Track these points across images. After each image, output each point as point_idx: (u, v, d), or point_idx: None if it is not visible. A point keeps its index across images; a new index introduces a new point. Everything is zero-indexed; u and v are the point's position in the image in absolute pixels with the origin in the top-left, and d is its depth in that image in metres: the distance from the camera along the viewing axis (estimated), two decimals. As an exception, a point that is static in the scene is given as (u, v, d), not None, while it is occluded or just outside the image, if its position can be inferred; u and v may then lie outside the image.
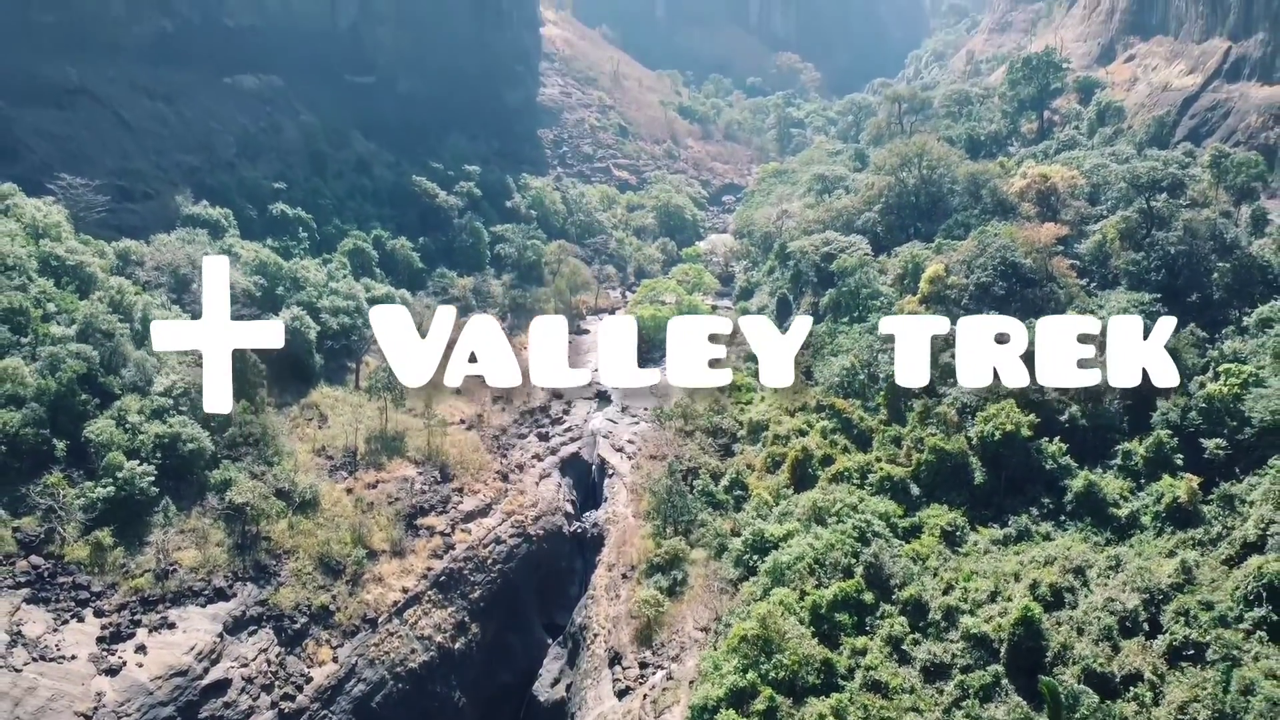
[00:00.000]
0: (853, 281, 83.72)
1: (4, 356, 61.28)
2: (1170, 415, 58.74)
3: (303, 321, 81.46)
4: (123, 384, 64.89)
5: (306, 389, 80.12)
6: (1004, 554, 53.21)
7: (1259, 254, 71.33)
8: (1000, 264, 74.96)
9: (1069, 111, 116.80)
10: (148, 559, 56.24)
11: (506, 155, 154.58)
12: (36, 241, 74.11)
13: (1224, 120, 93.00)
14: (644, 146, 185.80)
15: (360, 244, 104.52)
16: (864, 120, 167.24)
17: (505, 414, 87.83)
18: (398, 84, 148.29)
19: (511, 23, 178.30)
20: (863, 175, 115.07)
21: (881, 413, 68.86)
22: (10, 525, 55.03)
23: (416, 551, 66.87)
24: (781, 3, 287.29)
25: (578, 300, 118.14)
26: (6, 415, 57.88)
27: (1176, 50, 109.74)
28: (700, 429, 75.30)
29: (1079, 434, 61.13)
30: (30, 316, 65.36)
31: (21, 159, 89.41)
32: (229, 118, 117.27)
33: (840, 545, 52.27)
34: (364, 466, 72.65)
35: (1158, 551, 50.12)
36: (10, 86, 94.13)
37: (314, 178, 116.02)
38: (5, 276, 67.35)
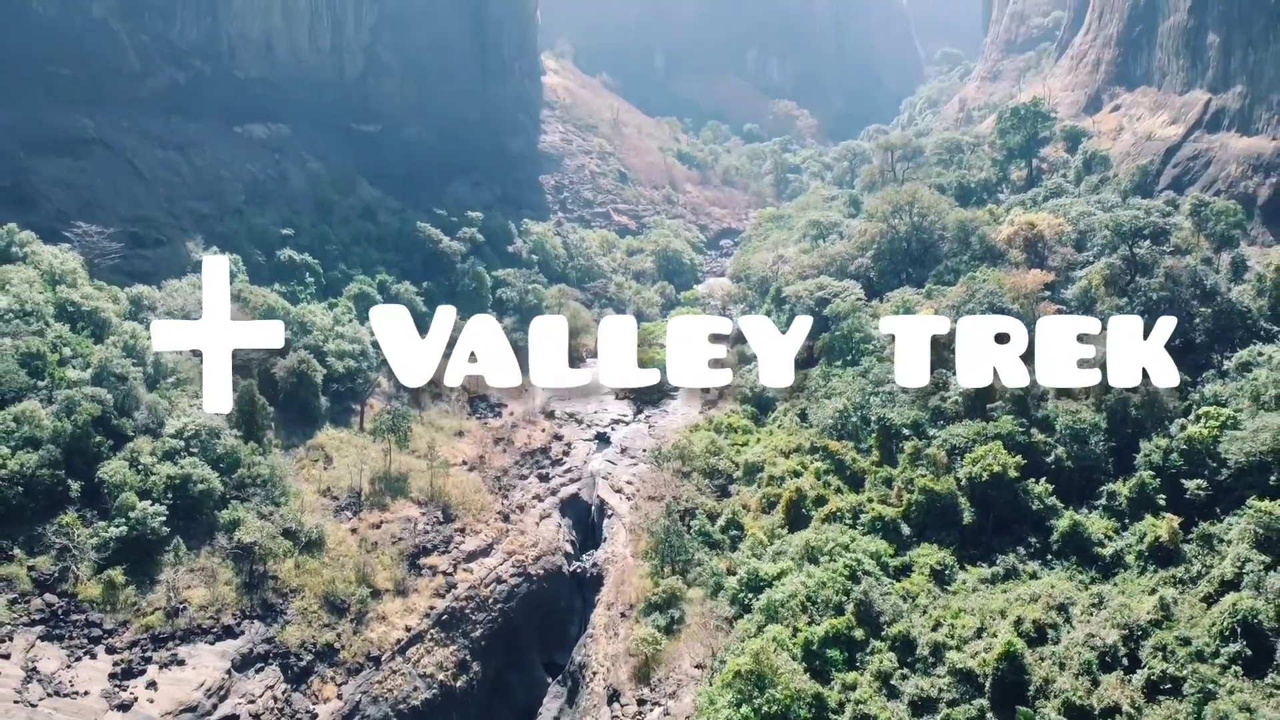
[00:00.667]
0: (846, 326, 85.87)
1: (22, 400, 63.25)
2: (1153, 457, 60.63)
3: (309, 365, 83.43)
4: (135, 426, 66.74)
5: (313, 431, 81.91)
6: (991, 592, 54.78)
7: (1238, 300, 73.48)
8: (987, 310, 76.93)
9: (1057, 160, 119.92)
10: (158, 597, 57.72)
11: (508, 201, 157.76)
12: (53, 288, 76.48)
13: (1205, 169, 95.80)
14: (643, 192, 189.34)
15: (365, 288, 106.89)
16: (858, 166, 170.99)
17: (506, 455, 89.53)
18: (403, 132, 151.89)
19: (514, 73, 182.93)
20: (856, 222, 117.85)
21: (873, 454, 70.62)
22: (26, 564, 56.61)
23: (419, 590, 68.26)
24: (778, 52, 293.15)
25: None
26: (24, 457, 59.67)
27: (1160, 101, 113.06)
28: (697, 470, 76.98)
29: (1065, 475, 62.98)
30: (47, 360, 67.43)
31: (39, 207, 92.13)
32: (238, 166, 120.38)
33: (832, 583, 53.86)
34: (368, 507, 74.21)
35: (1140, 589, 51.76)
36: (29, 137, 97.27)
37: (321, 224, 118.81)
38: (24, 322, 69.59)
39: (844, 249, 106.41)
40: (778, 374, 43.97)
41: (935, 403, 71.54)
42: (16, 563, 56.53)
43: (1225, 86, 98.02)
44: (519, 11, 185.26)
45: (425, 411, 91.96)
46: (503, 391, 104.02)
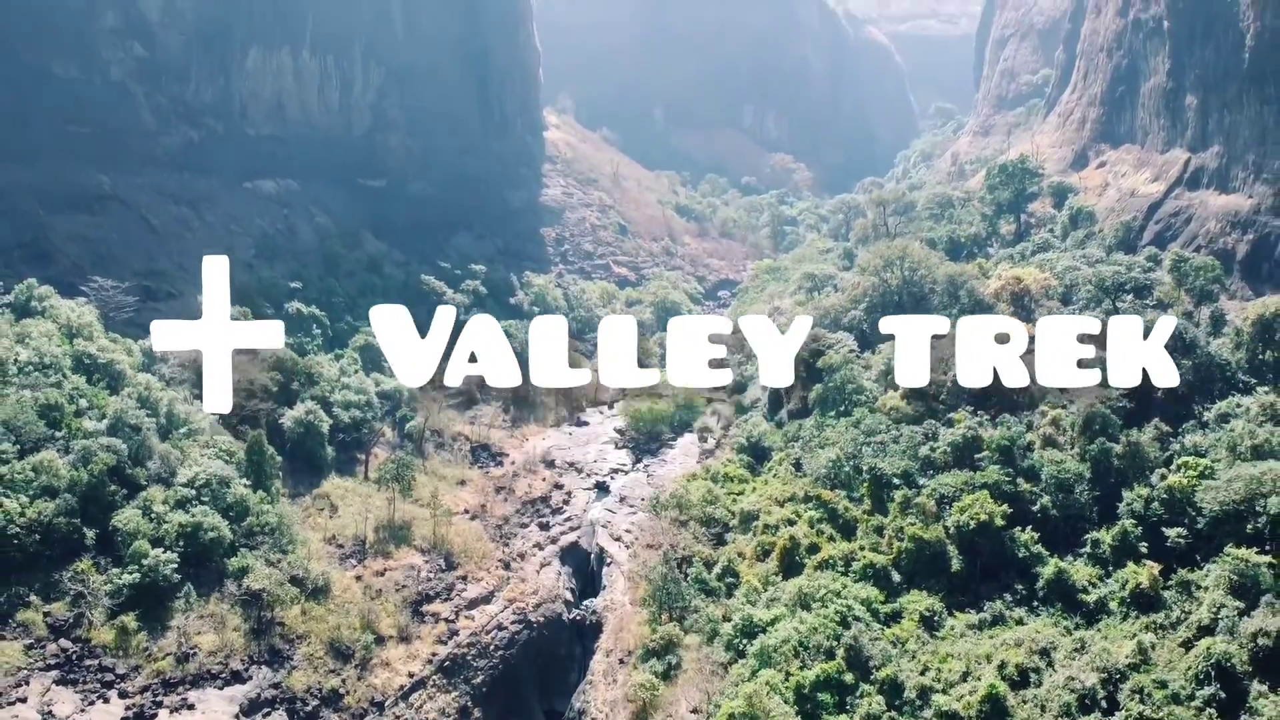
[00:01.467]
0: (839, 377, 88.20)
1: (40, 449, 65.46)
2: (1135, 506, 62.53)
3: (316, 415, 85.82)
4: (148, 475, 68.83)
5: (319, 480, 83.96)
6: (979, 637, 56.40)
7: (1217, 353, 75.86)
8: (975, 362, 79.46)
9: (1044, 215, 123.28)
10: (169, 642, 59.37)
11: (511, 253, 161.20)
12: (71, 341, 79.08)
13: (1186, 225, 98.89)
14: (642, 244, 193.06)
15: (371, 340, 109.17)
16: (853, 219, 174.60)
17: (507, 504, 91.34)
18: (408, 187, 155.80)
19: (516, 128, 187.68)
20: (850, 275, 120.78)
21: (865, 503, 72.50)
22: (42, 610, 58.46)
23: (422, 637, 69.76)
24: (775, 107, 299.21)
25: (578, 392, 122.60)
26: (41, 505, 61.74)
27: (1143, 159, 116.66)
28: (694, 518, 78.74)
29: (1050, 523, 64.83)
30: (64, 412, 69.76)
31: (56, 262, 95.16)
32: (248, 220, 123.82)
33: (823, 629, 55.54)
34: (373, 555, 75.98)
35: (1122, 634, 53.43)
36: (48, 194, 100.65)
37: (328, 277, 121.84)
38: (42, 374, 72.09)
39: (838, 301, 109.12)
40: (778, 374, 44.03)
41: (925, 452, 73.73)
42: (33, 609, 58.38)
43: (1204, 146, 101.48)
44: (521, 69, 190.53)
45: (428, 460, 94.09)
46: (504, 441, 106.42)
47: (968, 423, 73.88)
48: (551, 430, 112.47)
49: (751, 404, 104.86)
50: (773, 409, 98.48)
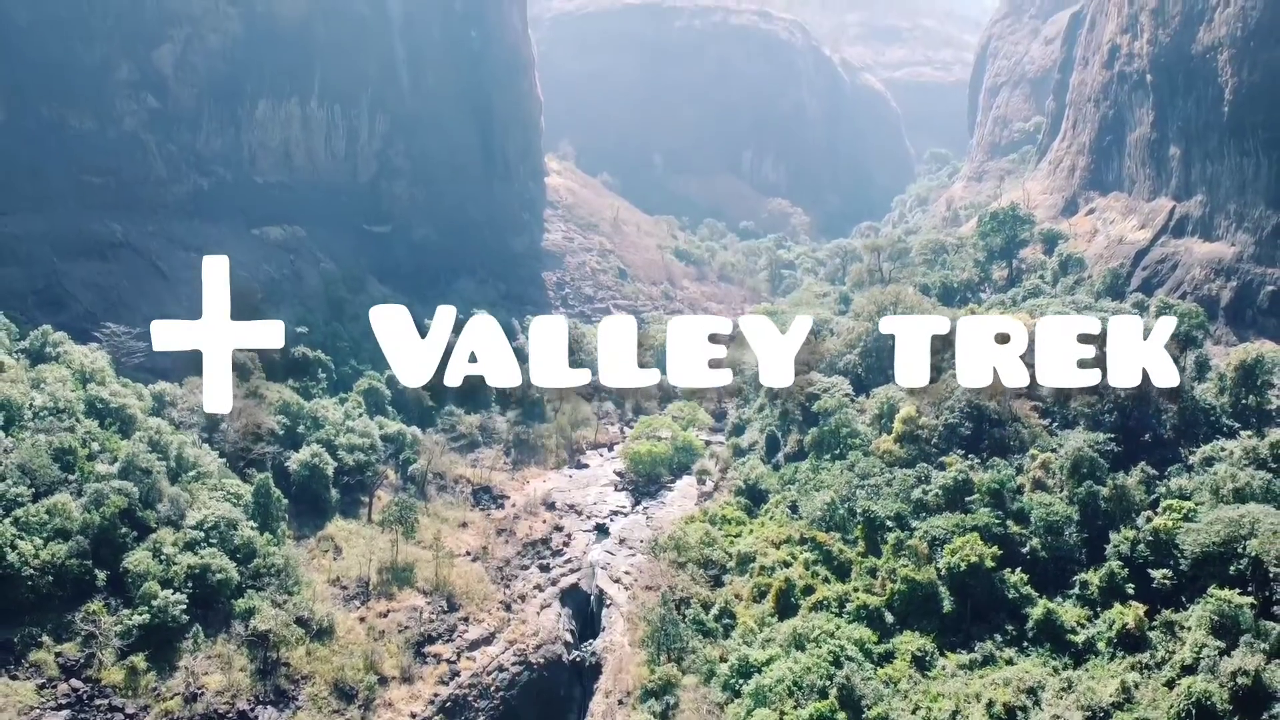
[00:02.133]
0: (834, 421, 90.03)
1: (54, 493, 67.02)
2: (1121, 548, 64.13)
3: (321, 459, 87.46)
4: (158, 518, 70.32)
5: (323, 522, 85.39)
6: (969, 677, 57.76)
7: (1201, 397, 77.86)
8: (966, 406, 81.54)
9: (1035, 261, 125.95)
10: (178, 683, 60.58)
11: (512, 297, 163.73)
12: (84, 385, 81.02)
13: (1172, 272, 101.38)
14: (642, 288, 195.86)
15: (375, 384, 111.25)
16: (849, 264, 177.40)
17: (508, 546, 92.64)
18: (412, 232, 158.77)
19: (518, 175, 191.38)
20: (845, 319, 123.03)
21: (859, 545, 74.04)
22: (53, 650, 59.68)
23: (424, 678, 70.88)
24: (773, 152, 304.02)
25: (578, 436, 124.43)
26: (55, 547, 63.24)
27: (1130, 206, 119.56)
28: (692, 560, 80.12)
29: (1040, 565, 66.40)
30: (77, 455, 71.45)
31: (69, 308, 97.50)
32: (255, 266, 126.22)
33: (816, 669, 56.90)
34: (376, 596, 77.25)
35: (1108, 674, 54.81)
36: (61, 242, 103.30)
37: (333, 321, 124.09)
38: (57, 419, 73.90)
39: (833, 346, 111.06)
40: (778, 374, 43.49)
41: (917, 495, 75.39)
42: (44, 649, 59.63)
43: (1188, 195, 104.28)
44: (524, 118, 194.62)
45: (430, 503, 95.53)
46: (505, 483, 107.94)
47: (959, 466, 75.66)
48: (552, 473, 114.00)
49: (749, 446, 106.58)
50: (770, 452, 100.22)
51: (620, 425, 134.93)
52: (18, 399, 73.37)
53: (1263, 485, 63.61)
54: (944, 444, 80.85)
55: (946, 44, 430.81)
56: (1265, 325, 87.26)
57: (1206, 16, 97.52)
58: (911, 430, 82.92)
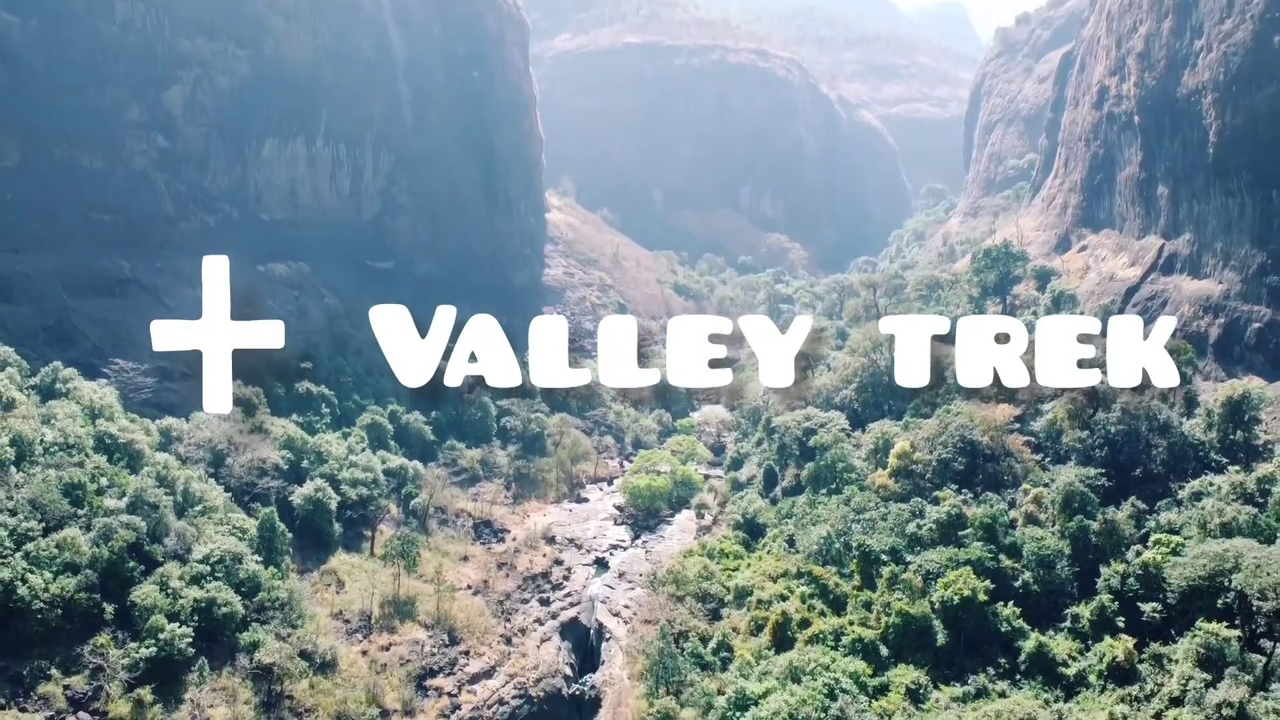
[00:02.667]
0: (830, 456, 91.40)
1: (64, 527, 68.29)
2: (1111, 581, 65.28)
3: (325, 493, 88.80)
4: (165, 552, 71.53)
5: (326, 555, 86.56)
6: (962, 710, 58.72)
7: (1190, 433, 79.30)
8: (959, 442, 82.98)
9: (1028, 297, 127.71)
10: (183, 715, 61.52)
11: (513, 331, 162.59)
12: (93, 421, 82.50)
13: (1162, 309, 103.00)
14: (642, 322, 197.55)
15: (378, 419, 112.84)
16: (847, 298, 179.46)
17: (509, 580, 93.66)
18: (415, 267, 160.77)
19: (520, 211, 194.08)
20: (842, 354, 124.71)
21: (855, 579, 75.10)
22: (62, 684, 60.70)
23: (426, 711, 71.75)
24: (771, 187, 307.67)
25: (578, 470, 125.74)
26: (64, 581, 64.39)
27: (1121, 244, 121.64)
28: (690, 594, 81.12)
29: (1032, 598, 67.49)
30: (86, 490, 72.77)
31: (77, 344, 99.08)
32: (261, 303, 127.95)
33: (812, 701, 57.86)
34: (378, 630, 78.25)
35: (1098, 707, 55.83)
36: (71, 279, 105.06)
37: (337, 357, 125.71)
38: (67, 454, 75.34)
39: (829, 381, 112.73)
40: (778, 374, 42.80)
41: (912, 529, 76.58)
42: (53, 682, 60.64)
43: (1176, 233, 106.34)
44: (525, 155, 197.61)
45: (432, 537, 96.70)
46: (505, 517, 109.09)
47: (952, 501, 76.94)
48: (552, 506, 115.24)
49: (747, 480, 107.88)
50: (768, 486, 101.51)
51: (620, 459, 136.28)
52: (29, 435, 74.81)
53: (1249, 520, 64.89)
54: (938, 479, 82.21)
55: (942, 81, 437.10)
56: (1253, 361, 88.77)
57: (1190, 61, 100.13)
58: (906, 465, 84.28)
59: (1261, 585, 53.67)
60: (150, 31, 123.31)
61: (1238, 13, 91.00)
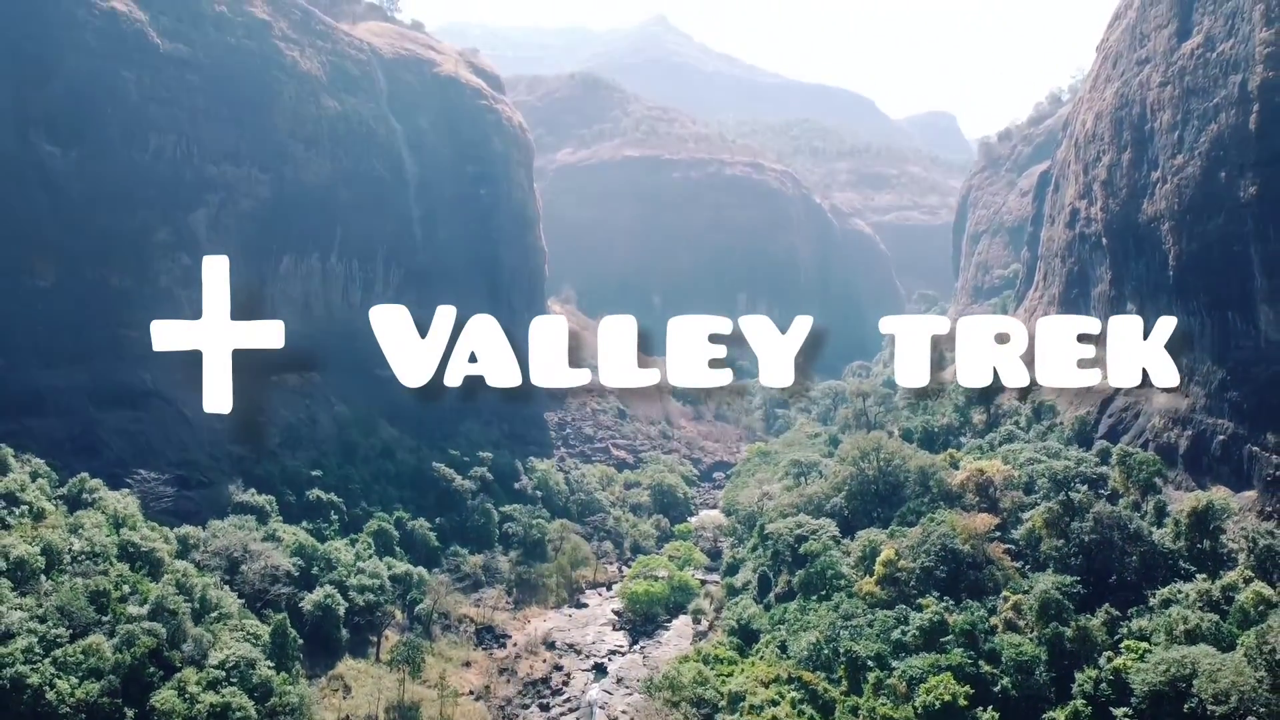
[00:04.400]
0: (820, 563, 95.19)
1: (89, 634, 71.92)
2: (1085, 686, 68.61)
3: (334, 599, 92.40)
4: (183, 657, 74.85)
5: (334, 660, 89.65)
6: (944, 813, 61.49)
7: (1160, 542, 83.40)
8: (941, 550, 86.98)
9: (1010, 407, 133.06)
10: (198, 819, 64.21)
11: (515, 437, 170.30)
12: (117, 530, 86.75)
13: (1135, 420, 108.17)
14: (640, 428, 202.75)
15: (384, 525, 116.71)
16: (839, 404, 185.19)
17: (510, 685, 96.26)
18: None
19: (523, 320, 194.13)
20: (832, 462, 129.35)
21: (843, 684, 78.16)
22: (84, 787, 63.64)
23: (429, 816, 74.02)
24: (767, 293, 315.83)
25: (578, 575, 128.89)
26: (89, 686, 67.70)
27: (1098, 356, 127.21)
28: (685, 700, 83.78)
29: (1011, 703, 70.58)
30: (110, 597, 76.59)
31: (101, 455, 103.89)
32: (273, 411, 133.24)
33: (799, 803, 60.73)
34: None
35: (1072, 809, 58.72)
36: (97, 392, 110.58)
37: (345, 465, 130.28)
38: (93, 562, 79.40)
39: (821, 488, 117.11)
40: (778, 374, 42.50)
41: (896, 635, 79.96)
42: (75, 786, 63.54)
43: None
44: (528, 267, 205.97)
45: (436, 642, 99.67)
46: (507, 622, 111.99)
47: (934, 607, 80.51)
48: (552, 612, 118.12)
49: (743, 586, 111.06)
50: (762, 591, 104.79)
51: (619, 564, 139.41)
52: (58, 544, 79.01)
53: (1211, 627, 68.57)
54: (922, 586, 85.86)
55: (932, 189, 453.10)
56: (1220, 472, 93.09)
57: (1149, 191, 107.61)
58: (891, 572, 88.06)
59: (1214, 691, 57.23)
60: (180, 159, 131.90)
61: (1187, 149, 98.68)
